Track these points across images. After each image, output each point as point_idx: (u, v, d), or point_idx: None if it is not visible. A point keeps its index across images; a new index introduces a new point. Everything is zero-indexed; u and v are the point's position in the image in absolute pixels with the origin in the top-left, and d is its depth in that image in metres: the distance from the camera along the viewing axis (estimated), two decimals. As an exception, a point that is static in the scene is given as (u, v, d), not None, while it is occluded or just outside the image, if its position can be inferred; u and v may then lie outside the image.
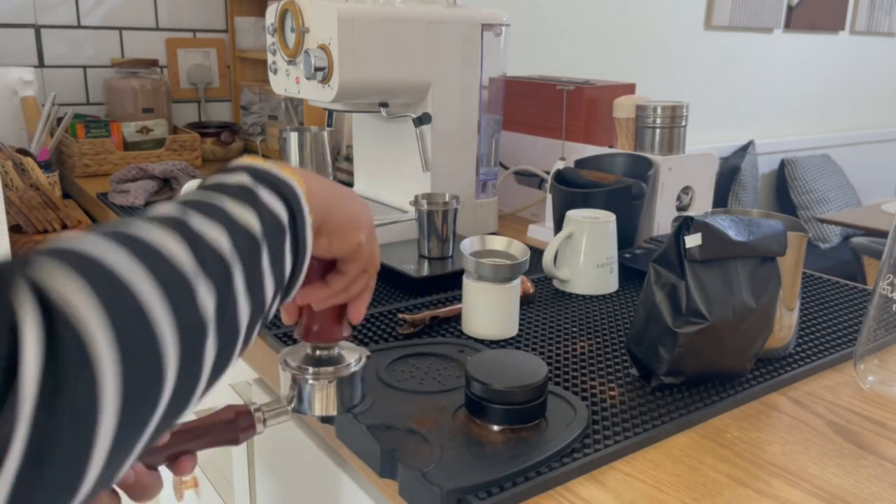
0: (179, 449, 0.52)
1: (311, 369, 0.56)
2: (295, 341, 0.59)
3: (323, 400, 0.56)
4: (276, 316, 0.71)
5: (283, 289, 0.43)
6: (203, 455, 1.15)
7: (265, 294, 0.40)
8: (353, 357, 0.57)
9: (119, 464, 0.30)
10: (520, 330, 0.81)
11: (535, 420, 0.60)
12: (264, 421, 0.54)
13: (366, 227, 0.51)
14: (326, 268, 0.53)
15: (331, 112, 1.25)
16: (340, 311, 0.56)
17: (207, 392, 0.37)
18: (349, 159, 1.53)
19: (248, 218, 0.39)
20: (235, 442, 0.54)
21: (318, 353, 0.57)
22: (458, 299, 0.89)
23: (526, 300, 0.88)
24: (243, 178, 0.41)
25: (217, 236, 0.36)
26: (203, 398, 0.36)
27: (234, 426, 0.53)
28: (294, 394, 0.57)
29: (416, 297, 0.91)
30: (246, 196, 0.40)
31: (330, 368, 0.56)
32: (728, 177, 3.23)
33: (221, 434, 0.54)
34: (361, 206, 0.52)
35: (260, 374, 0.82)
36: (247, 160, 0.44)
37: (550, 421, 0.60)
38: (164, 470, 0.52)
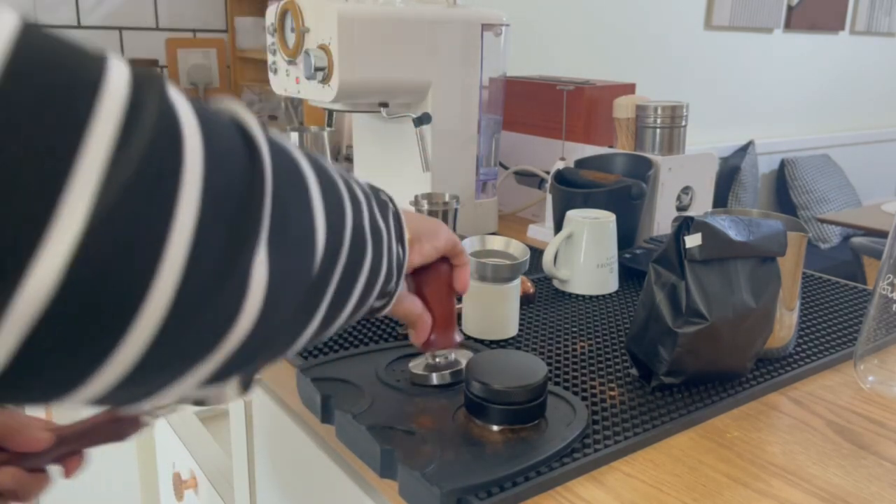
0: (67, 449, 0.53)
1: None
2: None
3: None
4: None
5: (396, 276, 0.48)
6: (203, 455, 1.15)
7: (382, 265, 0.45)
8: None
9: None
10: (520, 330, 0.81)
11: (535, 420, 0.60)
12: (152, 414, 0.55)
13: (441, 226, 0.58)
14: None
15: (331, 112, 1.25)
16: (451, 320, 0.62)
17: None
18: (349, 159, 1.53)
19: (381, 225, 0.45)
20: (121, 438, 0.55)
21: (436, 359, 0.65)
22: (458, 299, 0.89)
23: (526, 300, 0.88)
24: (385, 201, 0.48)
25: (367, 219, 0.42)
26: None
27: (118, 424, 0.54)
28: None
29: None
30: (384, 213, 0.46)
31: None
32: (728, 177, 3.23)
33: (106, 432, 0.54)
34: (427, 219, 0.59)
35: (260, 374, 0.82)
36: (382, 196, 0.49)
37: (550, 421, 0.60)
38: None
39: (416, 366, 0.66)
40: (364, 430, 0.58)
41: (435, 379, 0.65)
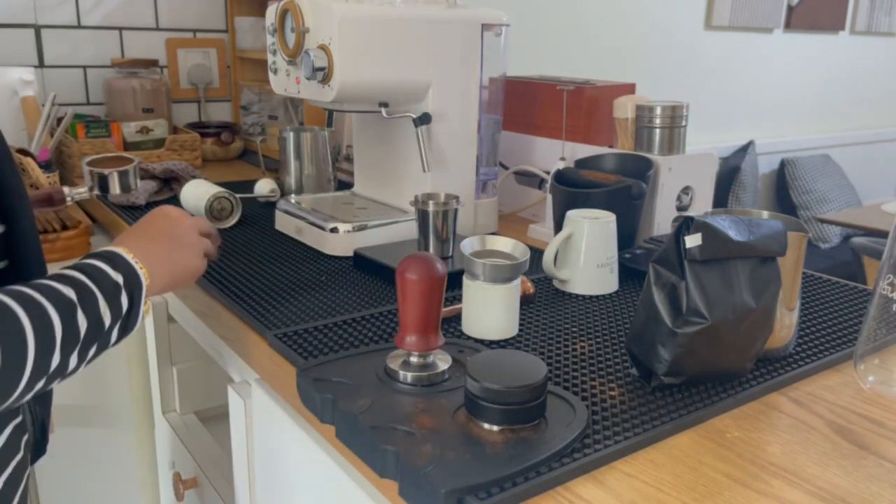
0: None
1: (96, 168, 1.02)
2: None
3: (113, 184, 1.02)
4: (281, 327, 0.73)
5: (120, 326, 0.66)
6: (203, 455, 1.15)
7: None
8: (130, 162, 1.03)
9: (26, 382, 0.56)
10: (520, 330, 0.81)
11: (535, 420, 0.60)
12: (71, 197, 0.95)
13: (185, 267, 0.77)
14: None
15: (331, 112, 1.24)
16: None
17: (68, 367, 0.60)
18: (349, 159, 1.53)
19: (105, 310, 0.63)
20: (51, 203, 0.99)
21: (411, 359, 0.68)
22: (458, 299, 0.89)
23: (526, 300, 0.88)
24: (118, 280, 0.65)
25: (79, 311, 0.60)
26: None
27: (51, 198, 0.97)
28: (92, 182, 1.02)
29: (416, 297, 0.91)
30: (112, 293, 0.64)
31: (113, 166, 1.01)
32: (728, 177, 3.23)
33: (43, 202, 0.98)
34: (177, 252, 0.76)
35: (260, 374, 0.83)
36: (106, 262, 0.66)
37: (550, 421, 0.60)
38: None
39: (393, 360, 0.68)
40: (364, 430, 0.58)
41: (401, 376, 0.66)
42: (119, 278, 0.64)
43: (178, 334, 1.20)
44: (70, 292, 0.59)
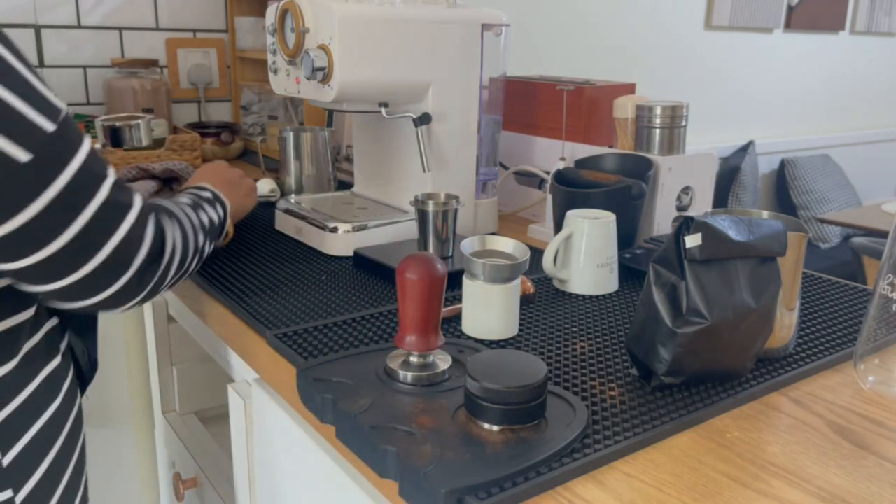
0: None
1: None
2: None
3: (125, 138, 1.14)
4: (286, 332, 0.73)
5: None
6: (203, 455, 1.15)
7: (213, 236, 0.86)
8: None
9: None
10: (520, 330, 0.82)
11: (535, 420, 0.60)
12: None
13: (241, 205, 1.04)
14: None
15: (331, 112, 1.25)
16: None
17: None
18: (349, 159, 1.53)
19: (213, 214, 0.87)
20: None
21: (411, 358, 0.70)
22: (458, 299, 0.89)
23: (526, 300, 0.88)
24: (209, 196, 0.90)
25: (201, 218, 0.83)
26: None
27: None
28: (105, 139, 1.13)
29: (416, 297, 0.91)
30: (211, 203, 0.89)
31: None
32: (728, 177, 3.23)
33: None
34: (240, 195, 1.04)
35: (260, 374, 0.83)
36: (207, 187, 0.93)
37: (550, 421, 0.60)
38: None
39: (393, 360, 0.68)
40: (364, 430, 0.58)
41: (401, 376, 0.66)
42: (210, 195, 0.89)
43: (178, 334, 1.20)
44: (196, 201, 0.84)
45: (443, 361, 0.68)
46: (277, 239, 1.14)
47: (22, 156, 0.54)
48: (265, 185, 1.35)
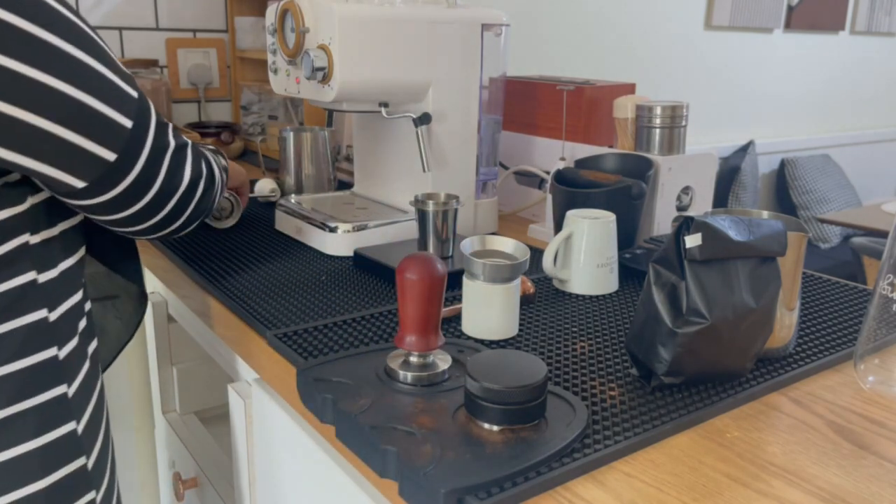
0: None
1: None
2: None
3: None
4: (282, 330, 0.73)
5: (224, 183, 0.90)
6: (203, 455, 1.15)
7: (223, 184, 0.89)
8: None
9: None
10: (520, 330, 0.82)
11: (535, 420, 0.60)
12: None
13: (241, 180, 1.18)
14: None
15: (331, 112, 1.25)
16: None
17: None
18: (349, 159, 1.53)
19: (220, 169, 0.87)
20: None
21: (411, 358, 0.70)
22: (458, 299, 0.89)
23: (526, 300, 0.88)
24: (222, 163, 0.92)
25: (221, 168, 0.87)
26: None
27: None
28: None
29: (416, 297, 0.91)
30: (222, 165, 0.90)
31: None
32: (728, 177, 3.23)
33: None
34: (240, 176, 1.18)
35: (260, 374, 0.83)
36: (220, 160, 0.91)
37: (550, 421, 0.60)
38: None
39: (393, 360, 0.68)
40: (364, 430, 0.58)
41: (401, 376, 0.66)
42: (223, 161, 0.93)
43: (178, 334, 1.20)
44: (210, 156, 0.83)
45: (443, 361, 0.68)
46: (277, 239, 1.14)
47: (109, 156, 0.63)
48: (266, 185, 1.35)
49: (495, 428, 0.59)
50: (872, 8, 3.62)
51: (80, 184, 0.63)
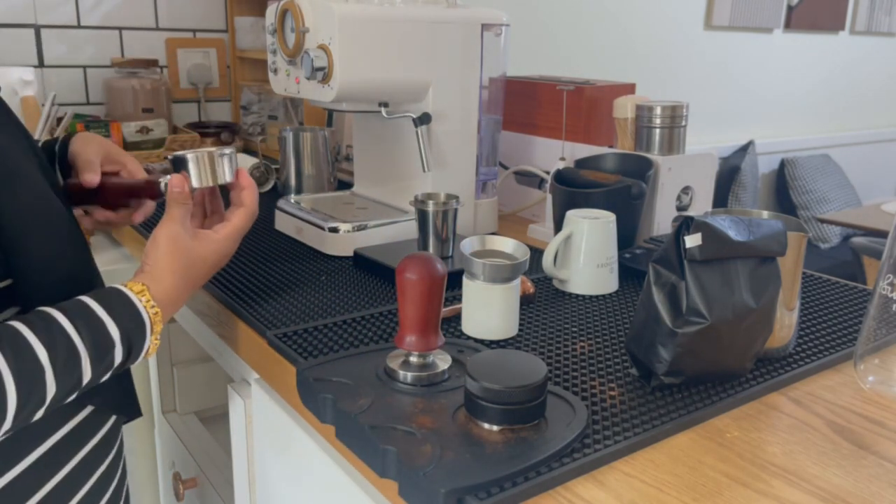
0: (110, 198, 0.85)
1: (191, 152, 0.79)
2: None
3: (201, 172, 0.77)
4: (284, 332, 0.73)
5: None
6: (203, 455, 1.15)
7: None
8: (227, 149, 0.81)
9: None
10: (520, 330, 0.82)
11: (535, 420, 0.60)
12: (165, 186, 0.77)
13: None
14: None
15: (331, 112, 1.24)
16: None
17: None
18: (349, 159, 1.53)
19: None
20: (154, 197, 0.83)
21: (411, 358, 0.68)
22: (458, 299, 0.89)
23: (526, 300, 0.88)
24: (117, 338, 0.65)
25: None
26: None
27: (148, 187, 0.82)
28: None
29: (416, 297, 0.91)
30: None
31: (209, 148, 0.79)
32: (728, 177, 3.23)
33: (140, 191, 0.84)
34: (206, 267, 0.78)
35: (260, 374, 0.83)
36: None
37: (550, 421, 0.60)
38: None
39: (393, 360, 0.68)
40: (364, 430, 0.58)
41: (401, 376, 0.66)
42: (116, 333, 0.64)
43: (178, 334, 1.20)
44: (46, 356, 0.59)
45: (443, 361, 0.68)
46: (277, 239, 1.14)
47: None
48: (247, 162, 1.42)
49: (495, 428, 0.59)
50: (872, 8, 3.62)
51: None
